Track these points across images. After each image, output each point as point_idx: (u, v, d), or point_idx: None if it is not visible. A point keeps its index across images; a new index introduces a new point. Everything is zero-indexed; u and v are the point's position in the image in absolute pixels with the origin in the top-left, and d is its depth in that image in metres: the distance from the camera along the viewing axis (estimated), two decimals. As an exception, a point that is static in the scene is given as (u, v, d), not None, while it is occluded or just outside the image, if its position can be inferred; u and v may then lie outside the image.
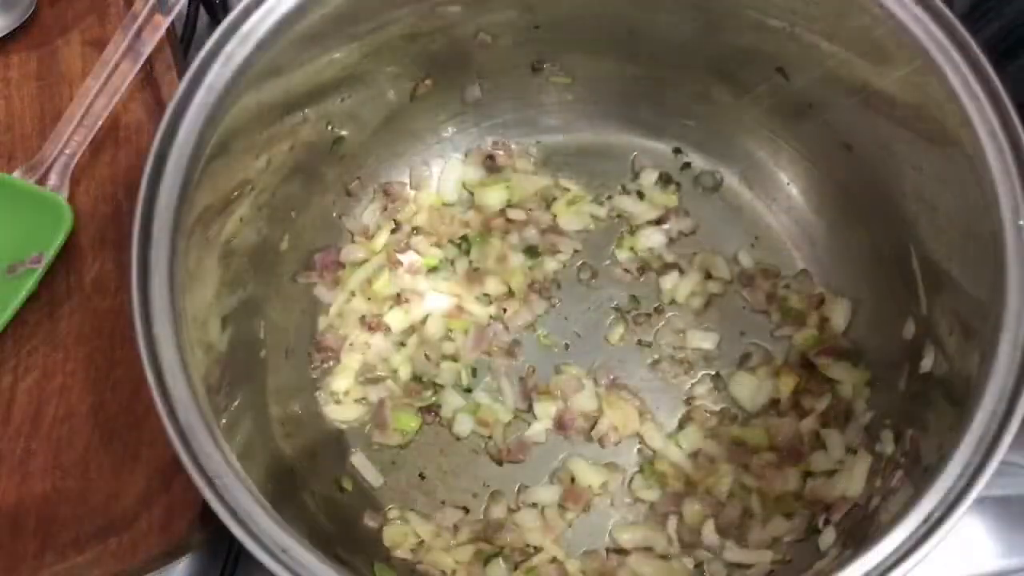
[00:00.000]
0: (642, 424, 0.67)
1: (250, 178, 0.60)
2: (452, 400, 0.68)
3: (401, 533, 0.64)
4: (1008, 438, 0.46)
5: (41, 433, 0.63)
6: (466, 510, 0.66)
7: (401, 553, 0.64)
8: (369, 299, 0.71)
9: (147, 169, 0.52)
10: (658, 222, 0.73)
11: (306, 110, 0.63)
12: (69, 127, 0.68)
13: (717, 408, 0.68)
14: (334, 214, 0.72)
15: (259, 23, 0.54)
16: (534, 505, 0.66)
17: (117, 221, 0.69)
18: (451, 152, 0.75)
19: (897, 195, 0.60)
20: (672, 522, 0.64)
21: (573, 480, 0.66)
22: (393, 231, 0.72)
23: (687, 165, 0.75)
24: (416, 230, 0.72)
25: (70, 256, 0.68)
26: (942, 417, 0.53)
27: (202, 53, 0.53)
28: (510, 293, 0.71)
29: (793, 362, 0.68)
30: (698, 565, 0.63)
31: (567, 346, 0.70)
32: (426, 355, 0.69)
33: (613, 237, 0.73)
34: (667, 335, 0.70)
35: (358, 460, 0.67)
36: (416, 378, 0.69)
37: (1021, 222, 0.49)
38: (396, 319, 0.70)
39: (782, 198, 0.72)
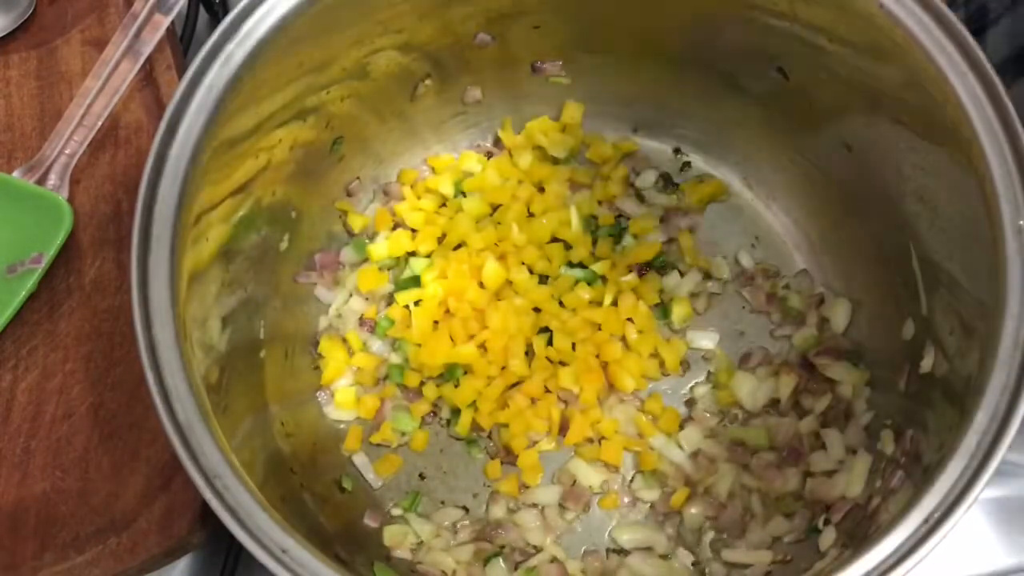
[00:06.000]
0: (642, 425, 0.67)
1: (250, 178, 0.60)
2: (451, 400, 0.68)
3: (401, 533, 0.64)
4: (1008, 438, 0.46)
5: (41, 432, 0.63)
6: (466, 510, 0.66)
7: (401, 553, 0.64)
8: (368, 299, 0.71)
9: (147, 169, 0.52)
10: (658, 222, 0.73)
11: (306, 110, 0.63)
12: (69, 127, 0.68)
13: (717, 408, 0.68)
14: (334, 214, 0.72)
15: (259, 23, 0.54)
16: (534, 505, 0.66)
17: (117, 221, 0.69)
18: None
19: (897, 195, 0.60)
20: (672, 522, 0.64)
21: (574, 482, 0.66)
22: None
23: (687, 165, 0.75)
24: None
25: (70, 256, 0.68)
26: (942, 417, 0.53)
27: (202, 53, 0.53)
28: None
29: (793, 362, 0.68)
30: (697, 564, 0.63)
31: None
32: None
33: (613, 237, 0.73)
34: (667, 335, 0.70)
35: (358, 460, 0.67)
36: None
37: (1021, 222, 0.49)
38: (395, 318, 0.70)
39: (782, 198, 0.72)
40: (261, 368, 0.64)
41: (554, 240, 0.71)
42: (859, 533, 0.56)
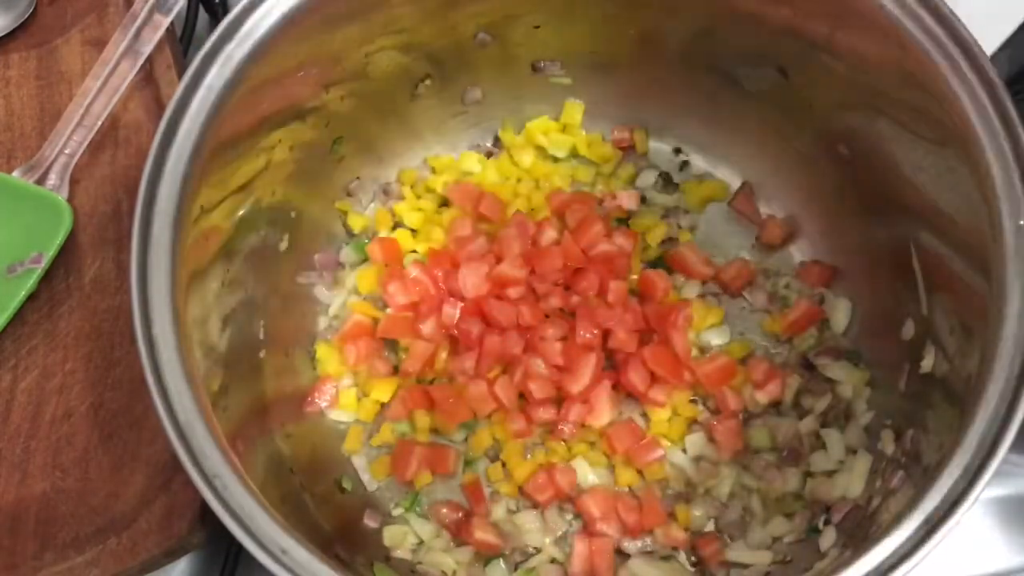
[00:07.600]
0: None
1: (250, 178, 0.60)
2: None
3: (401, 533, 0.64)
4: (1009, 438, 0.46)
5: (40, 433, 0.63)
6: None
7: (401, 553, 0.63)
8: (368, 299, 0.71)
9: (147, 169, 0.52)
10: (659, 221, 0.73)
11: (306, 110, 0.63)
12: (69, 127, 0.68)
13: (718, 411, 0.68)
14: (334, 214, 0.72)
15: (259, 23, 0.54)
16: (534, 506, 0.65)
17: (117, 221, 0.69)
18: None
19: (897, 195, 0.60)
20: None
21: (575, 482, 0.66)
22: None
23: (687, 165, 0.74)
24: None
25: (70, 256, 0.68)
26: (942, 417, 0.53)
27: (202, 53, 0.53)
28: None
29: (793, 362, 0.68)
30: (697, 565, 0.63)
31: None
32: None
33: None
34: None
35: (358, 460, 0.67)
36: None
37: (1021, 222, 0.49)
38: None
39: (782, 198, 0.72)
40: (261, 368, 0.64)
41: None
42: (859, 533, 0.56)
